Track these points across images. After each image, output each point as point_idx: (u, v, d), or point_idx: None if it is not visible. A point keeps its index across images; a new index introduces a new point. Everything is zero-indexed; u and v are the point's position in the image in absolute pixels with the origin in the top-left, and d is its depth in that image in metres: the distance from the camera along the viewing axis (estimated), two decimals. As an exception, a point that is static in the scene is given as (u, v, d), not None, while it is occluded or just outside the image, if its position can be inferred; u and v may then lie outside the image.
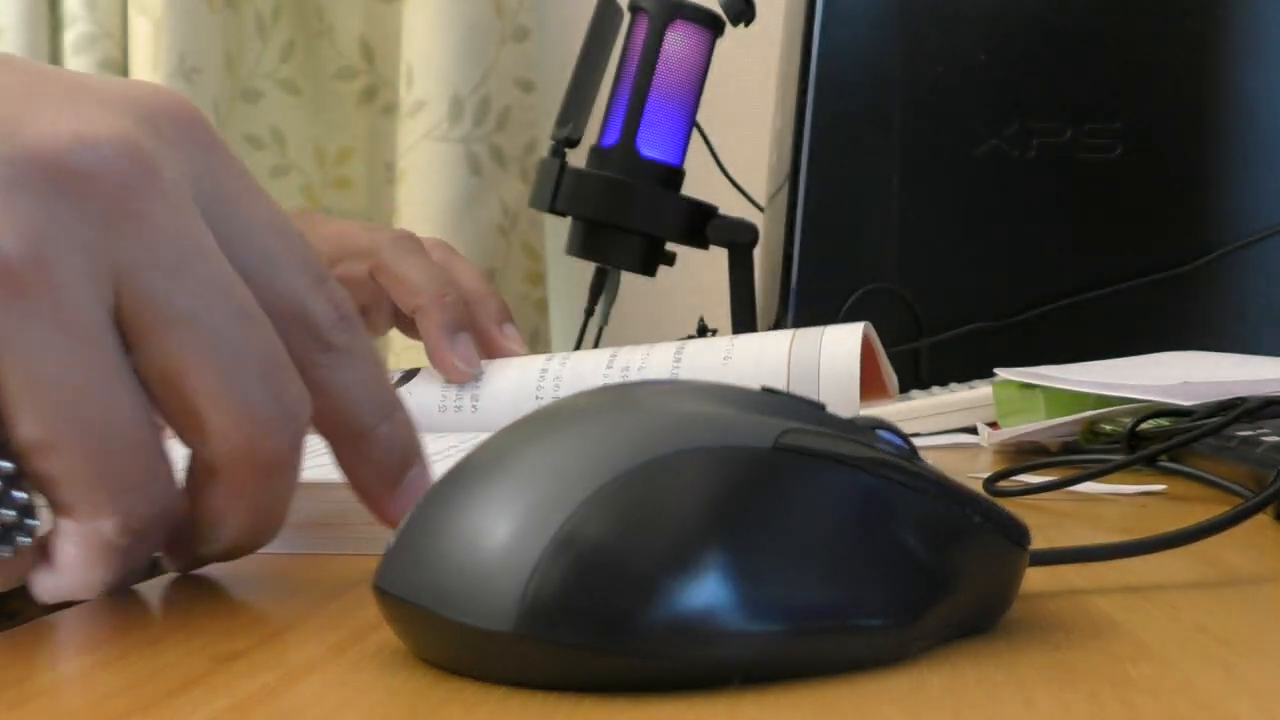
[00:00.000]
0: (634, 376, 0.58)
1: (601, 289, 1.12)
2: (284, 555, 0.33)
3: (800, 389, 0.56)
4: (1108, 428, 0.59)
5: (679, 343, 0.63)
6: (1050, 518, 0.41)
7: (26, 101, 0.28)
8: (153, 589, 0.30)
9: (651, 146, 1.07)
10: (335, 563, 0.32)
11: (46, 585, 0.27)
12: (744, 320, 1.06)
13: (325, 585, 0.30)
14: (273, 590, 0.30)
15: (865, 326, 0.59)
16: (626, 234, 1.07)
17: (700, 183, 1.23)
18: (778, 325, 1.01)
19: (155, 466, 0.27)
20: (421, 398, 0.59)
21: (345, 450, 0.30)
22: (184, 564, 0.31)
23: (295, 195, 1.56)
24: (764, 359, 0.58)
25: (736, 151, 1.48)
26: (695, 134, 1.12)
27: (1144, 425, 0.53)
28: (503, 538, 0.21)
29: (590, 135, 1.10)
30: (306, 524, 0.35)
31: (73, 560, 0.26)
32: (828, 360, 0.57)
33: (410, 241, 0.64)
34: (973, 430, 0.74)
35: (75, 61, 1.43)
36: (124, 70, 1.45)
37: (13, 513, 0.26)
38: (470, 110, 1.45)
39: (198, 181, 0.29)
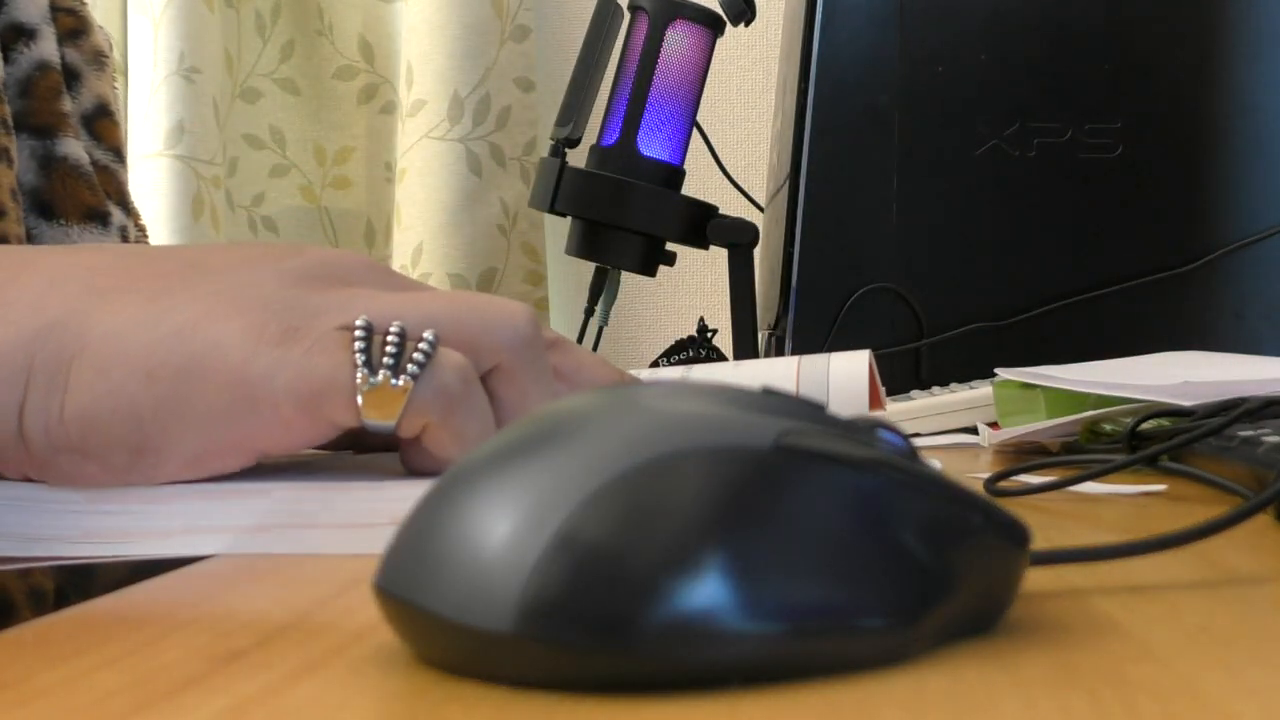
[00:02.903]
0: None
1: (601, 289, 1.12)
2: (284, 555, 0.33)
3: None
4: (1108, 428, 0.59)
5: (683, 367, 0.64)
6: (1051, 518, 0.41)
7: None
8: (153, 589, 0.30)
9: (651, 146, 1.07)
10: (335, 563, 0.32)
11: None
12: (744, 320, 1.06)
13: (325, 585, 0.30)
14: (273, 590, 0.30)
15: (868, 354, 0.60)
16: (626, 234, 1.07)
17: (700, 183, 1.23)
18: (777, 325, 1.01)
19: None
20: None
21: None
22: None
23: (295, 195, 1.56)
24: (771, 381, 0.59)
25: (736, 151, 1.48)
26: (695, 134, 1.12)
27: (1144, 425, 0.52)
28: (502, 537, 0.21)
29: (590, 135, 1.10)
30: (308, 524, 0.35)
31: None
32: (835, 385, 0.58)
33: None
34: (973, 430, 0.74)
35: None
36: (124, 70, 1.45)
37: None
38: (470, 110, 1.45)
39: None
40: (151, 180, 1.41)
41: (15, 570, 0.44)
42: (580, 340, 1.16)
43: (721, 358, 1.14)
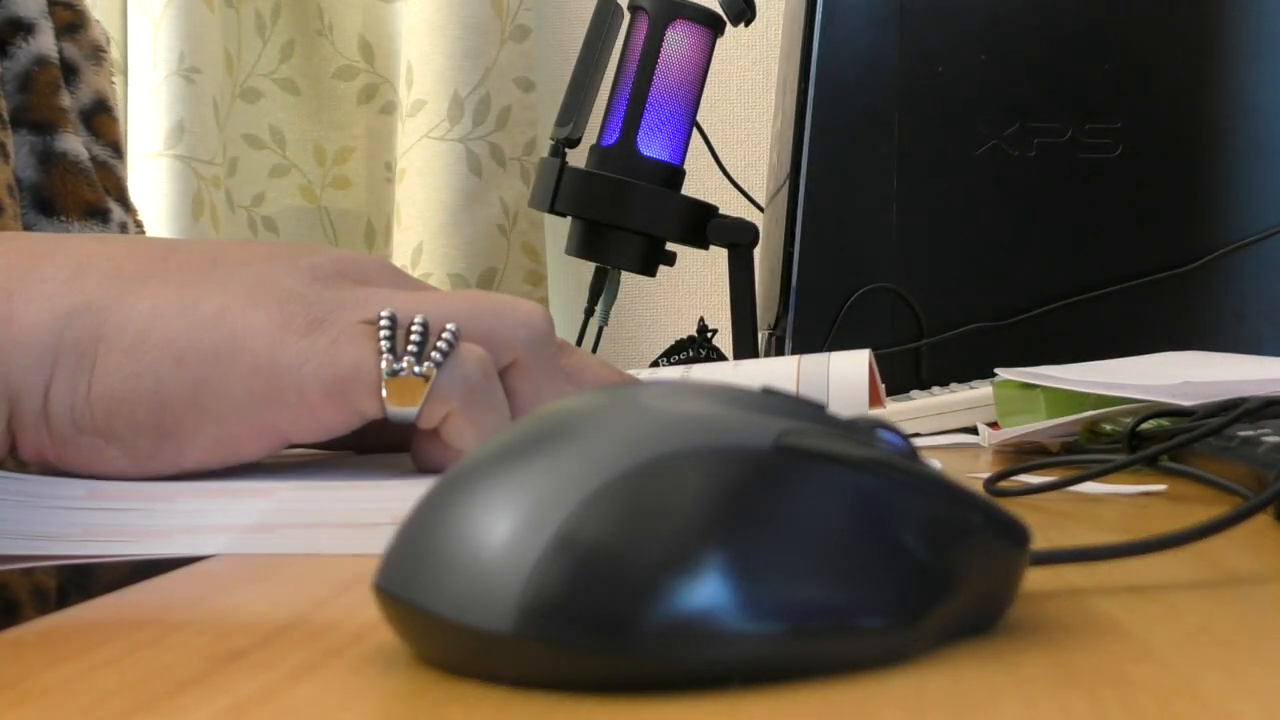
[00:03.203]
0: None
1: (601, 289, 1.12)
2: (284, 555, 0.33)
3: None
4: (1108, 428, 0.59)
5: (683, 367, 0.64)
6: (1050, 518, 0.41)
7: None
8: (153, 589, 0.30)
9: (651, 146, 1.07)
10: (335, 563, 0.32)
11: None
12: (744, 320, 1.06)
13: (325, 585, 0.30)
14: (273, 590, 0.30)
15: (868, 354, 0.60)
16: (626, 234, 1.07)
17: (700, 183, 1.23)
18: (777, 325, 1.01)
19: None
20: None
21: None
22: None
23: (295, 195, 1.56)
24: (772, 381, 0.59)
25: (736, 151, 1.48)
26: (695, 134, 1.12)
27: (1144, 425, 0.52)
28: (502, 537, 0.21)
29: (590, 135, 1.10)
30: (308, 524, 0.35)
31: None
32: (835, 385, 0.58)
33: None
34: (973, 430, 0.74)
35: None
36: (124, 70, 1.45)
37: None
38: (470, 110, 1.45)
39: None
40: (151, 180, 1.41)
41: (17, 569, 0.44)
42: (580, 340, 1.16)
43: (721, 358, 1.14)
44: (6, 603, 0.47)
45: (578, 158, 1.09)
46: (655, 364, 1.11)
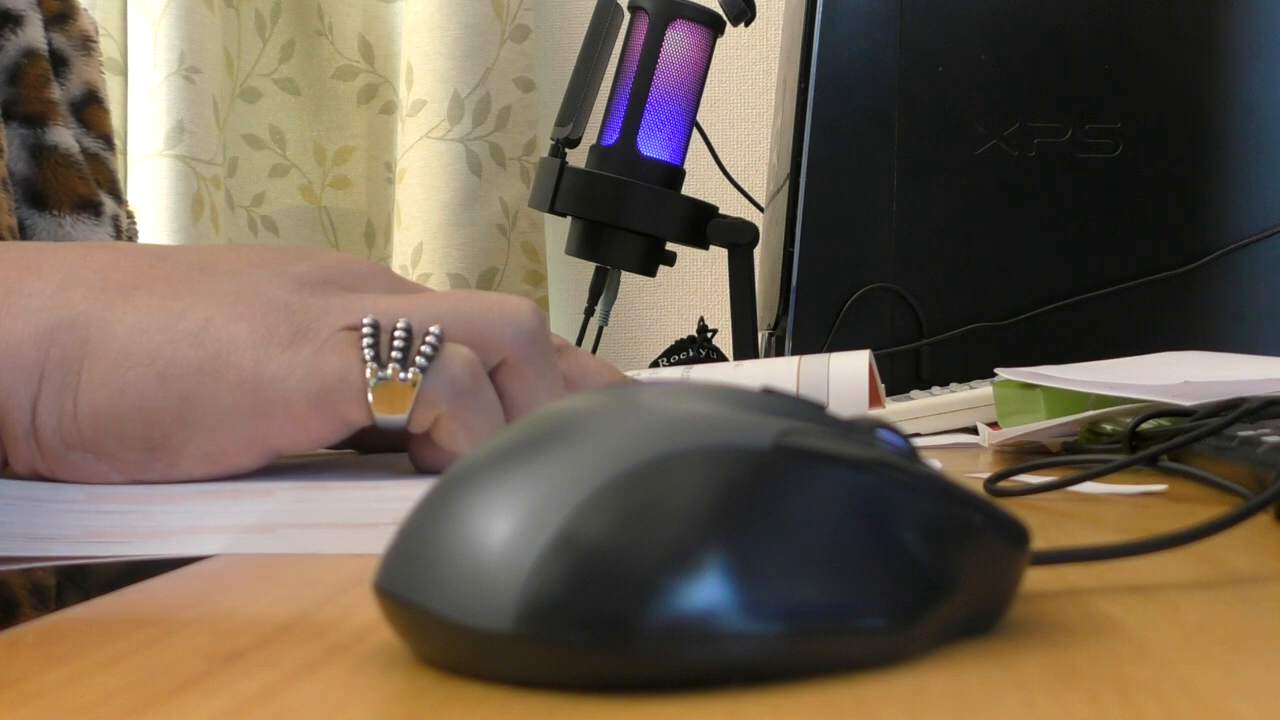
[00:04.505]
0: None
1: (601, 289, 1.12)
2: (284, 555, 0.33)
3: None
4: (1108, 428, 0.59)
5: (683, 367, 0.64)
6: (1051, 518, 0.41)
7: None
8: (153, 589, 0.30)
9: (651, 146, 1.07)
10: (335, 563, 0.32)
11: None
12: (744, 320, 1.06)
13: (325, 585, 0.30)
14: (273, 590, 0.30)
15: (868, 354, 0.60)
16: (626, 234, 1.07)
17: (700, 183, 1.23)
18: (777, 325, 1.01)
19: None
20: None
21: None
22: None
23: (295, 195, 1.56)
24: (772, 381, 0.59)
25: (736, 151, 1.48)
26: (695, 134, 1.12)
27: (1145, 425, 0.52)
28: (502, 537, 0.21)
29: (590, 135, 1.10)
30: (309, 524, 0.35)
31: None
32: (835, 385, 0.59)
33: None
34: (973, 430, 0.74)
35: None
36: (124, 70, 1.45)
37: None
38: (470, 110, 1.45)
39: None
40: (151, 180, 1.41)
41: (17, 569, 0.44)
42: (580, 340, 1.16)
43: (721, 358, 1.14)
44: (5, 600, 0.47)
45: (578, 158, 1.09)
46: (655, 364, 1.11)
